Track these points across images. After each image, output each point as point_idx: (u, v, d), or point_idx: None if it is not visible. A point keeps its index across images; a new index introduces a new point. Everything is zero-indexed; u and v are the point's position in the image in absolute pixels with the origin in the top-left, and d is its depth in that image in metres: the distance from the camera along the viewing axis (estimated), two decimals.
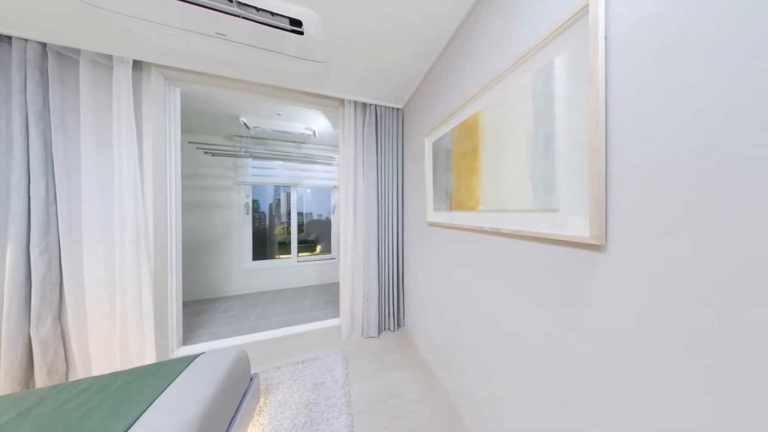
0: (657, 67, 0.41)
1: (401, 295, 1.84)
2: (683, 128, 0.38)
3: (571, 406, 0.56)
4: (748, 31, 0.32)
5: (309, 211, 3.32)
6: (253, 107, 1.98)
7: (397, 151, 1.80)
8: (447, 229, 1.16)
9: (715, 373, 0.35)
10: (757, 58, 0.32)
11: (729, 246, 0.34)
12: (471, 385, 0.97)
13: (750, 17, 0.32)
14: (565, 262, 0.58)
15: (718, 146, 0.35)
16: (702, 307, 0.36)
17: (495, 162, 0.80)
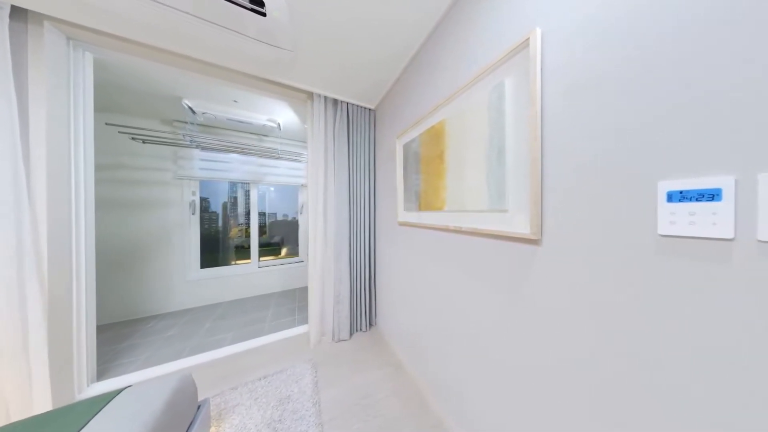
0: (576, 96, 0.52)
1: (373, 295, 1.84)
2: (587, 145, 0.49)
3: (520, 371, 0.66)
4: (638, 74, 0.44)
5: (273, 211, 3.03)
6: (202, 90, 1.70)
7: (369, 151, 1.80)
8: (416, 228, 1.22)
9: (619, 335, 0.46)
10: (640, 98, 0.43)
11: (617, 236, 0.45)
12: (438, 372, 1.04)
13: (638, 66, 0.44)
14: (512, 255, 0.67)
15: (608, 159, 0.46)
16: (607, 281, 0.47)
17: (458, 166, 0.88)
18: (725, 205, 0.34)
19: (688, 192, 0.37)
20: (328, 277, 1.63)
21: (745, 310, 0.33)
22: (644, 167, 0.42)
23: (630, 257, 0.44)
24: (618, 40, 0.45)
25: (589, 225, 0.50)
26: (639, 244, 0.43)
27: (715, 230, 0.35)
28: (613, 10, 0.46)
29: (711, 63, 0.35)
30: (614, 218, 0.46)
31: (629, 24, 0.44)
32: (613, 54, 0.46)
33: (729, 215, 0.34)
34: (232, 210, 2.78)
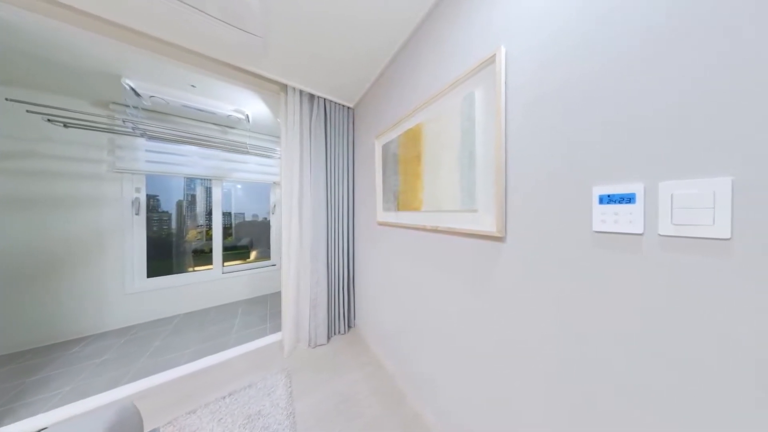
0: (533, 112, 0.59)
1: (352, 296, 1.82)
2: (541, 154, 0.57)
3: (485, 356, 0.72)
4: (579, 98, 0.51)
5: (240, 210, 2.76)
6: (149, 69, 1.46)
7: (348, 149, 1.77)
8: (395, 228, 1.24)
9: (568, 316, 0.54)
10: (580, 118, 0.51)
11: (564, 233, 0.53)
12: (413, 366, 1.07)
13: (578, 91, 0.51)
14: (481, 251, 0.73)
15: (557, 167, 0.54)
16: (557, 271, 0.55)
17: (434, 168, 0.92)
18: (637, 206, 0.42)
19: (613, 196, 0.45)
20: (303, 281, 1.55)
21: (652, 287, 0.41)
22: (583, 175, 0.50)
23: (574, 250, 0.51)
24: (564, 65, 0.53)
25: (543, 223, 0.57)
26: (580, 239, 0.50)
27: (631, 227, 0.43)
28: (562, 39, 0.53)
29: (630, 95, 0.44)
30: (562, 217, 0.53)
31: (573, 54, 0.51)
32: (560, 78, 0.53)
33: (640, 214, 0.42)
34: (189, 209, 2.45)
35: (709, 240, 0.36)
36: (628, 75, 0.44)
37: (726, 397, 0.35)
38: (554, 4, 0.54)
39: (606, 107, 0.46)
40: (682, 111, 0.38)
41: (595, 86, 0.48)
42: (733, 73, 0.34)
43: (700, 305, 0.37)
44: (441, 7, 0.89)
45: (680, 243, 0.38)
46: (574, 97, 0.51)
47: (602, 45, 0.47)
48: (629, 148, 0.44)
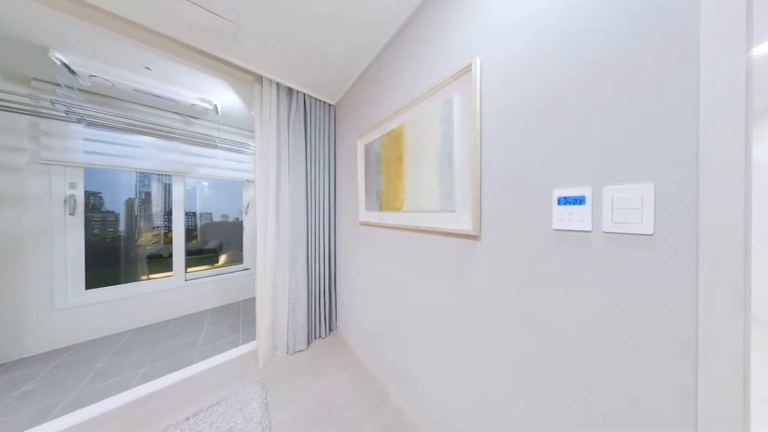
0: (505, 120, 0.64)
1: (333, 298, 1.77)
2: (511, 159, 0.62)
3: (460, 347, 0.76)
4: (541, 109, 0.57)
5: (207, 210, 2.51)
6: (87, 43, 1.24)
7: (329, 148, 1.72)
8: (378, 227, 1.24)
9: (534, 305, 0.59)
10: (543, 128, 0.56)
11: (530, 230, 0.58)
12: (397, 363, 1.09)
13: (541, 104, 0.57)
14: (458, 249, 0.77)
15: (523, 171, 0.59)
16: (524, 265, 0.60)
17: (416, 169, 0.95)
18: (587, 207, 0.49)
19: (568, 198, 0.51)
20: (281, 284, 1.47)
21: (598, 277, 0.48)
22: (545, 179, 0.56)
23: (538, 246, 0.57)
24: (529, 81, 0.58)
25: (512, 222, 0.62)
26: (542, 236, 0.56)
27: (582, 225, 0.49)
28: (527, 57, 0.59)
29: (579, 112, 0.50)
30: (528, 217, 0.59)
31: (536, 71, 0.57)
32: (526, 92, 0.59)
33: (588, 214, 0.48)
34: (143, 209, 2.15)
35: (638, 235, 0.43)
36: (576, 96, 0.50)
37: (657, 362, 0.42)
38: (521, 24, 0.60)
39: (561, 121, 0.52)
40: (616, 127, 0.45)
41: (552, 102, 0.54)
42: (652, 99, 0.41)
43: (634, 291, 0.44)
44: (422, 13, 0.92)
45: (618, 238, 0.45)
46: (537, 109, 0.57)
47: (558, 67, 0.53)
48: (580, 157, 0.50)
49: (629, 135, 0.44)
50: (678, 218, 0.39)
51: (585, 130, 0.49)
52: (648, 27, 0.42)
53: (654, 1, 0.41)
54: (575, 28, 0.50)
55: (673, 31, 0.39)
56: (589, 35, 0.48)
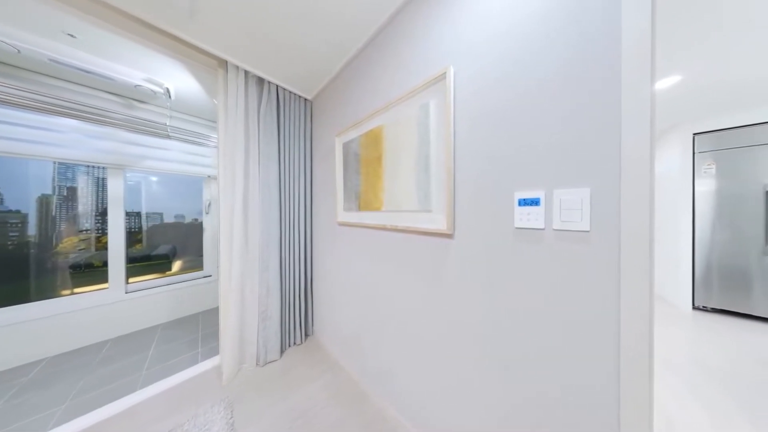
0: (475, 126, 0.69)
1: (310, 302, 1.69)
2: (480, 163, 0.67)
3: (435, 340, 0.80)
4: (506, 119, 0.63)
5: (156, 210, 2.16)
6: None
7: (305, 144, 1.64)
8: (356, 227, 1.23)
9: (500, 296, 0.65)
10: (507, 136, 0.63)
11: (496, 229, 0.64)
12: (375, 362, 1.09)
13: (504, 114, 0.63)
14: (434, 247, 0.81)
15: (490, 175, 0.65)
16: (492, 260, 0.66)
17: (394, 170, 0.96)
18: (541, 208, 0.56)
19: (527, 199, 0.58)
20: (250, 291, 1.35)
21: (549, 267, 0.55)
22: (508, 182, 0.62)
23: (503, 242, 0.63)
24: (496, 93, 0.64)
25: (482, 221, 0.68)
26: (506, 234, 0.62)
27: (537, 223, 0.56)
28: (494, 72, 0.65)
29: (532, 125, 0.57)
30: (495, 216, 0.65)
31: (501, 85, 0.63)
32: (493, 102, 0.65)
33: (542, 214, 0.55)
34: (64, 208, 1.75)
35: (579, 232, 0.50)
36: (531, 110, 0.57)
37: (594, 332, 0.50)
38: (487, 42, 0.66)
39: (519, 131, 0.59)
40: (562, 139, 0.52)
41: (513, 114, 0.60)
42: (588, 118, 0.49)
43: (577, 278, 0.51)
44: (400, 17, 0.94)
45: (565, 234, 0.53)
46: (501, 119, 0.63)
47: (517, 84, 0.59)
48: (535, 163, 0.57)
49: (572, 146, 0.51)
50: (607, 217, 0.47)
51: (539, 140, 0.56)
52: (585, 60, 0.50)
53: (587, 43, 0.49)
54: (530, 53, 0.57)
55: (602, 66, 0.48)
56: (542, 60, 0.56)
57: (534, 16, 0.57)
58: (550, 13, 0.54)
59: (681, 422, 1.01)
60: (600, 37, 0.48)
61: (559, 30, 0.53)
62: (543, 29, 0.55)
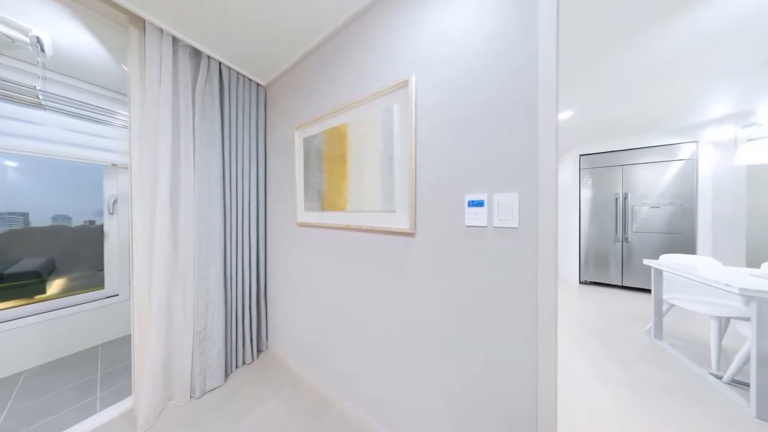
0: (434, 134, 0.76)
1: (263, 313, 1.51)
2: (437, 167, 0.75)
3: (400, 335, 0.85)
4: (458, 129, 0.71)
5: (20, 209, 1.51)
6: None
7: (257, 135, 1.45)
8: (318, 228, 1.17)
9: (455, 289, 0.73)
10: (459, 145, 0.71)
11: (451, 227, 0.73)
12: (339, 366, 1.07)
13: (455, 125, 0.71)
14: (397, 246, 0.85)
15: (445, 178, 0.73)
16: (447, 256, 0.74)
17: (359, 170, 0.96)
18: (485, 209, 0.66)
19: (475, 201, 0.68)
20: (181, 308, 1.10)
21: (490, 258, 0.66)
22: (460, 185, 0.71)
23: (456, 239, 0.72)
24: (451, 105, 0.73)
25: (439, 221, 0.75)
26: (458, 231, 0.71)
27: (482, 222, 0.66)
28: (451, 85, 0.73)
29: (476, 137, 0.67)
30: (450, 216, 0.73)
31: (454, 99, 0.72)
32: (449, 113, 0.73)
33: (485, 214, 0.66)
34: None
35: (511, 228, 0.62)
36: (479, 123, 0.67)
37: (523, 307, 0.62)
38: (448, 56, 0.73)
39: (469, 140, 0.69)
40: (500, 150, 0.64)
41: (464, 125, 0.69)
42: (516, 135, 0.62)
43: (510, 266, 0.63)
44: (366, 18, 0.95)
45: (501, 231, 0.64)
46: (455, 128, 0.71)
47: (467, 99, 0.69)
48: (480, 169, 0.67)
49: (507, 158, 0.63)
50: (529, 216, 0.60)
51: (484, 150, 0.66)
52: (515, 90, 0.61)
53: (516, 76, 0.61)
54: (480, 72, 0.67)
55: (527, 96, 0.60)
56: (488, 81, 0.66)
57: (482, 44, 0.67)
58: (490, 46, 0.65)
59: (571, 366, 1.37)
60: (524, 74, 0.60)
61: (496, 62, 0.64)
62: (489, 54, 0.66)
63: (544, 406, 0.57)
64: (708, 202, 2.40)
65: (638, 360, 1.45)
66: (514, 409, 0.62)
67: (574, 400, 1.13)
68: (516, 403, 0.62)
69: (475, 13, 0.68)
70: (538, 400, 0.58)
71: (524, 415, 0.60)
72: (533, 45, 0.58)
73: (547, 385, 0.57)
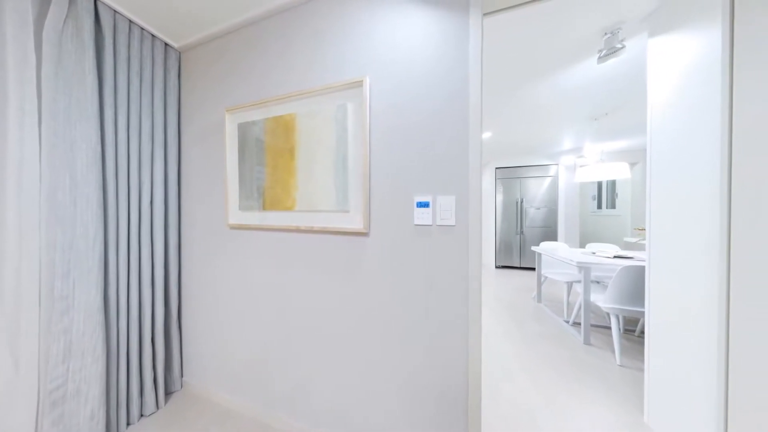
0: (387, 137, 0.79)
1: (175, 343, 1.17)
2: (390, 169, 0.79)
3: (354, 335, 0.85)
4: (408, 134, 0.77)
5: None
6: None
7: (165, 111, 1.11)
8: (259, 230, 1.00)
9: (399, 287, 0.78)
10: (408, 150, 0.77)
11: (401, 226, 0.78)
12: (283, 383, 0.96)
13: (407, 131, 0.77)
14: (351, 246, 0.85)
15: (397, 180, 0.78)
16: (395, 253, 0.79)
17: (310, 167, 0.89)
18: (430, 209, 0.75)
19: (422, 202, 0.75)
20: (9, 360, 0.70)
21: (434, 252, 0.75)
22: (410, 187, 0.77)
23: (406, 237, 0.78)
24: (404, 110, 0.78)
25: (391, 220, 0.79)
26: (408, 230, 0.78)
27: (427, 220, 0.75)
28: (400, 92, 0.78)
29: (420, 145, 0.75)
30: (401, 216, 0.78)
31: (404, 107, 0.77)
32: (401, 118, 0.78)
33: (430, 214, 0.75)
34: None
35: (449, 226, 0.73)
36: (427, 131, 0.75)
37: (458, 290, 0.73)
38: (403, 65, 0.78)
39: (417, 146, 0.76)
40: (442, 158, 0.74)
41: (415, 131, 0.76)
42: (452, 147, 0.73)
43: (448, 258, 0.74)
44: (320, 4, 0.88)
45: (442, 229, 0.74)
46: (406, 134, 0.77)
47: (417, 107, 0.76)
48: (426, 173, 0.75)
49: (447, 165, 0.73)
50: (462, 216, 0.72)
51: (430, 156, 0.75)
52: (453, 108, 0.72)
53: (453, 96, 0.72)
54: (432, 85, 0.75)
55: (461, 115, 0.72)
56: (432, 97, 0.75)
57: (429, 63, 0.75)
58: (436, 66, 0.74)
59: (488, 331, 1.78)
60: (459, 97, 0.72)
61: (440, 82, 0.74)
62: (435, 74, 0.74)
63: (472, 367, 0.70)
64: (563, 206, 3.71)
65: (528, 319, 2.02)
66: (450, 380, 0.73)
67: (490, 355, 1.50)
68: (452, 375, 0.73)
69: (423, 34, 0.75)
70: (469, 366, 0.71)
71: (457, 383, 0.72)
72: (465, 74, 0.71)
73: (474, 353, 0.70)
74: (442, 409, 0.74)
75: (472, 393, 0.70)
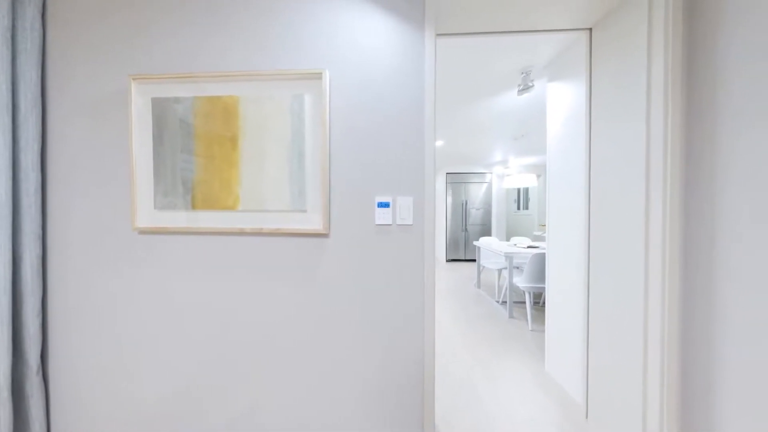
0: (347, 135, 0.78)
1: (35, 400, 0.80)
2: (351, 168, 0.78)
3: (311, 342, 0.80)
4: (371, 136, 0.78)
5: None
6: None
7: (14, 61, 0.75)
8: (187, 235, 0.81)
9: (357, 279, 0.79)
10: (370, 151, 0.78)
11: (356, 228, 0.79)
12: (221, 414, 0.82)
13: (371, 131, 0.78)
14: (310, 247, 0.79)
15: (358, 180, 0.78)
16: (356, 255, 0.79)
17: (258, 161, 0.78)
18: (390, 209, 0.78)
19: (382, 203, 0.78)
20: None
21: (395, 251, 0.79)
22: (371, 188, 0.78)
23: (367, 237, 0.78)
24: (365, 110, 0.78)
25: (352, 220, 0.78)
26: (370, 230, 0.79)
27: (388, 220, 0.78)
28: (361, 94, 0.78)
29: (381, 148, 0.78)
30: (362, 215, 0.78)
31: (367, 106, 0.78)
32: (363, 118, 0.78)
33: (390, 214, 0.78)
34: None
35: (407, 225, 0.78)
36: (388, 134, 0.78)
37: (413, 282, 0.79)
38: (359, 66, 0.77)
39: (379, 147, 0.78)
40: (401, 161, 0.78)
41: (376, 133, 0.78)
42: (409, 151, 0.78)
43: (406, 254, 0.79)
44: None
45: (401, 228, 0.78)
46: (368, 134, 0.78)
47: (385, 108, 0.78)
48: (387, 174, 0.78)
49: (406, 168, 0.78)
50: (419, 216, 0.79)
51: (390, 158, 0.78)
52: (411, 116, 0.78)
53: (411, 104, 0.78)
54: (386, 92, 0.78)
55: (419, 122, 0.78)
56: (393, 100, 0.78)
57: (389, 69, 0.77)
58: (395, 74, 0.78)
59: (440, 317, 2.02)
60: (416, 105, 0.78)
61: (400, 89, 0.78)
62: (395, 80, 0.77)
63: (427, 357, 0.77)
64: (495, 206, 4.64)
65: (471, 303, 2.40)
66: (408, 371, 0.78)
67: (440, 338, 1.74)
68: (410, 364, 0.78)
69: (385, 41, 0.78)
70: (424, 357, 0.78)
71: (414, 372, 0.78)
72: (421, 85, 0.77)
73: (428, 342, 0.78)
74: (401, 402, 0.78)
75: (427, 380, 0.77)
